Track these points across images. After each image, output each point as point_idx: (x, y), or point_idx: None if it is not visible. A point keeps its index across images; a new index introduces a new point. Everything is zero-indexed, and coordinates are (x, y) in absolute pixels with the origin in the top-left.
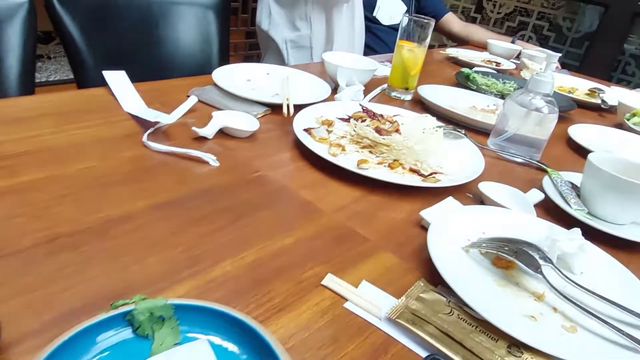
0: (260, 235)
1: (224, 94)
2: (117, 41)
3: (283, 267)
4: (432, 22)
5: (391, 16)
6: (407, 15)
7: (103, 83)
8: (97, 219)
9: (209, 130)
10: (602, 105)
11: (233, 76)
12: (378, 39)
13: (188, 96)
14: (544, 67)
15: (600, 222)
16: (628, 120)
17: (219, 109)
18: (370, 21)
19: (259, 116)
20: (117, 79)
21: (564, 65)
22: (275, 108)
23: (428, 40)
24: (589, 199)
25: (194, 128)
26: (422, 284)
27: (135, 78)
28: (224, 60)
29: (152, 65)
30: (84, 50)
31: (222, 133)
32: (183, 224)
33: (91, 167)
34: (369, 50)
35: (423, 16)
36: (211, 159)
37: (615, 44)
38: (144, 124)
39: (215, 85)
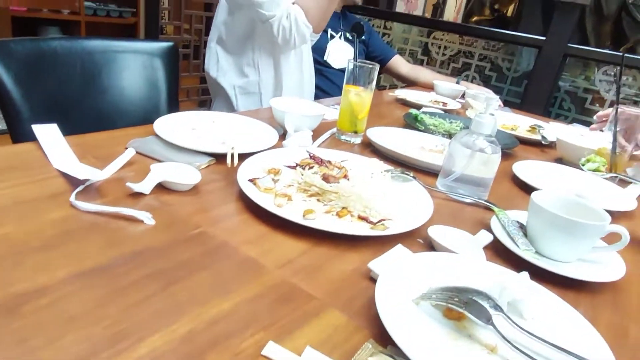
0: (195, 300)
1: (165, 145)
2: (56, 92)
3: (220, 337)
4: (377, 67)
5: (341, 60)
6: (352, 60)
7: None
8: (7, 295)
9: (145, 186)
10: (543, 141)
11: (177, 125)
12: (329, 82)
13: (126, 148)
14: (484, 109)
15: (547, 262)
16: (583, 165)
17: (160, 161)
18: (322, 65)
19: (202, 167)
20: (47, 133)
21: (507, 102)
22: (221, 158)
23: (374, 84)
24: (535, 238)
25: (128, 184)
26: (370, 346)
27: (76, 130)
28: (173, 107)
29: (95, 115)
30: (19, 102)
31: (162, 187)
32: (109, 294)
33: (6, 233)
34: (320, 92)
35: (367, 61)
36: (146, 217)
37: (550, 82)
38: (74, 181)
39: (157, 135)
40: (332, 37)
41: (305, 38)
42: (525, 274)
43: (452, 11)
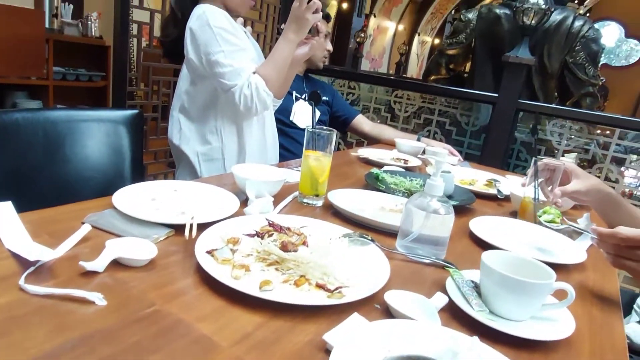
0: None
1: (123, 218)
2: (18, 163)
3: None
4: (334, 133)
5: (306, 120)
6: (310, 127)
7: None
8: None
9: (99, 263)
10: (498, 196)
11: (136, 196)
12: (296, 141)
13: (83, 223)
14: (434, 173)
15: (500, 322)
16: (540, 217)
17: (118, 235)
18: (288, 125)
19: (159, 240)
20: (1, 212)
21: (468, 155)
22: (180, 228)
23: (332, 148)
24: (488, 298)
25: (81, 263)
26: None
27: (38, 200)
28: (137, 173)
29: (58, 184)
30: None
31: (117, 263)
32: None
33: None
34: (287, 152)
35: (325, 127)
36: (97, 298)
37: (505, 135)
38: (25, 262)
39: (115, 208)
40: (297, 98)
41: (266, 105)
42: (475, 339)
43: (415, 67)
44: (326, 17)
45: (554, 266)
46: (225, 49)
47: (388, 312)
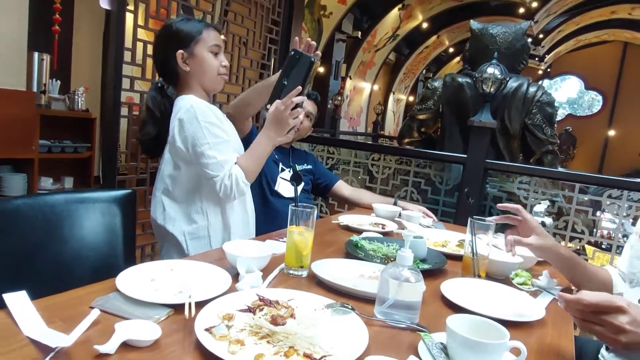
0: None
1: (127, 300)
2: (17, 245)
3: None
4: (315, 210)
5: (290, 190)
6: (293, 205)
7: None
8: None
9: (110, 346)
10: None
11: (137, 278)
12: (281, 210)
13: (91, 307)
14: (404, 246)
15: None
16: (512, 279)
17: (123, 318)
18: (273, 194)
19: (161, 320)
20: (17, 301)
21: (444, 213)
22: (179, 307)
23: (314, 223)
24: (454, 358)
25: (95, 346)
26: None
27: (35, 280)
28: (129, 248)
29: (57, 264)
30: None
31: (126, 345)
32: None
33: None
34: (271, 220)
35: (307, 204)
36: None
37: (476, 193)
38: (44, 348)
39: (118, 291)
40: (283, 170)
41: (243, 192)
42: None
43: (392, 123)
44: (315, 99)
45: (516, 324)
46: (211, 142)
47: None
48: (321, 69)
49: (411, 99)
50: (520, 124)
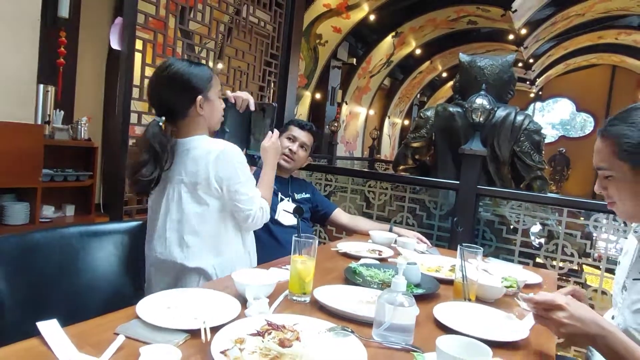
0: None
1: (147, 326)
2: (34, 278)
3: None
4: (316, 240)
5: (290, 218)
6: (296, 236)
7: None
8: None
9: None
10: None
11: (154, 305)
12: (281, 238)
13: (116, 334)
14: (398, 273)
15: None
16: (502, 283)
17: (145, 342)
18: (273, 223)
19: (180, 344)
20: (50, 329)
21: (439, 237)
22: (195, 332)
23: (315, 251)
24: None
25: None
26: None
27: (53, 313)
28: (138, 278)
29: (71, 295)
30: (5, 296)
31: None
32: None
33: None
34: (272, 248)
35: (309, 235)
36: None
37: (470, 216)
38: None
39: (138, 317)
40: (282, 199)
41: (267, 220)
42: None
43: (388, 147)
44: (309, 129)
45: (502, 344)
46: (243, 180)
47: None
48: (317, 95)
49: (406, 122)
50: (509, 151)
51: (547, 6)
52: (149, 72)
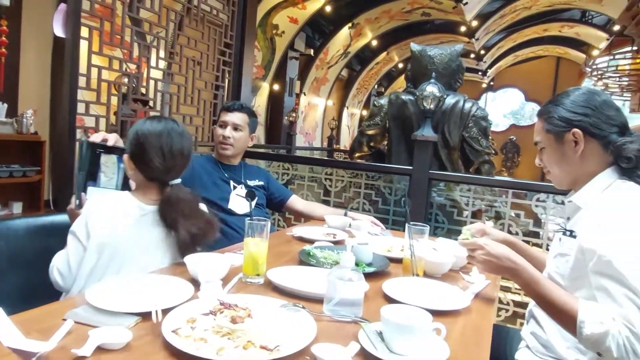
0: None
1: (97, 311)
2: None
3: None
4: (269, 222)
5: (243, 207)
6: (249, 219)
7: None
8: None
9: (87, 349)
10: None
11: (105, 291)
12: (235, 226)
13: (64, 319)
14: (346, 250)
15: (396, 357)
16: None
17: (95, 327)
18: (226, 212)
19: (131, 326)
20: None
21: (395, 222)
22: (147, 315)
23: (268, 234)
24: (389, 341)
25: (73, 350)
26: None
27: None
28: None
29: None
30: None
31: (100, 348)
32: None
33: None
34: (228, 235)
35: (261, 218)
36: None
37: (423, 200)
38: (24, 356)
39: (89, 304)
40: (235, 187)
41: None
42: None
43: (347, 137)
44: (239, 109)
45: (446, 312)
46: None
47: None
48: (276, 87)
49: (365, 113)
50: (459, 137)
51: None
52: (96, 60)
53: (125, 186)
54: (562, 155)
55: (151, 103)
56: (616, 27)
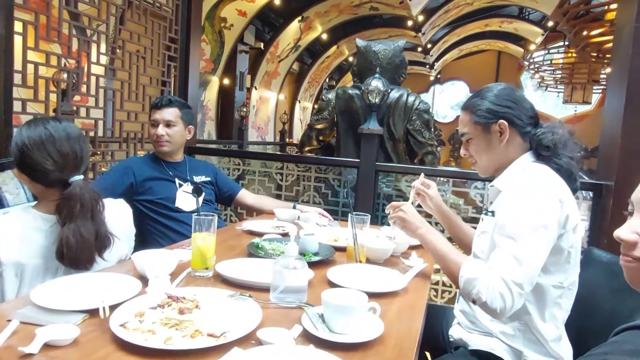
0: None
1: (43, 311)
2: None
3: None
4: (215, 217)
5: (190, 204)
6: (196, 214)
7: None
8: None
9: (34, 346)
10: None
11: (51, 291)
12: (184, 224)
13: (9, 320)
14: (290, 240)
15: (336, 335)
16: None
17: (42, 325)
18: (174, 211)
19: (78, 323)
20: None
21: (344, 213)
22: (94, 312)
23: (215, 228)
24: (329, 321)
25: (20, 348)
26: None
27: None
28: None
29: None
30: None
31: (48, 345)
32: None
33: None
34: (178, 234)
35: (209, 213)
36: None
37: (370, 193)
38: None
39: (34, 304)
40: (180, 185)
41: None
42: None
43: (300, 131)
44: (169, 103)
45: (383, 294)
46: None
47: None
48: (226, 81)
49: (317, 106)
50: (403, 129)
51: None
52: (32, 56)
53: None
54: (489, 144)
55: (92, 100)
56: (550, 23)
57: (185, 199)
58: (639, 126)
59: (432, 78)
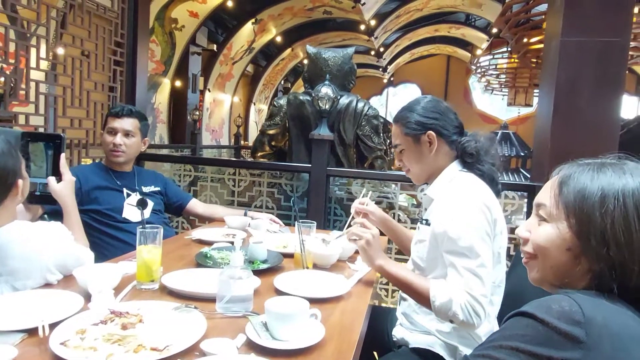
0: None
1: None
2: None
3: None
4: (161, 229)
5: (137, 215)
6: (140, 228)
7: None
8: None
9: None
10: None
11: None
12: (132, 234)
13: None
14: (235, 251)
15: (278, 343)
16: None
17: None
18: (121, 222)
19: (16, 343)
20: None
21: (296, 218)
22: (33, 331)
23: (161, 240)
24: (272, 330)
25: None
26: None
27: None
28: None
29: None
30: None
31: None
32: None
33: None
34: (127, 245)
35: (154, 225)
36: None
37: (322, 197)
38: None
39: None
40: (129, 195)
41: None
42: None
43: (255, 133)
44: (129, 114)
45: (328, 299)
46: None
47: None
48: (178, 83)
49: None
50: (353, 134)
51: (391, 1)
52: None
53: (55, 172)
54: (420, 154)
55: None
56: (494, 30)
57: (132, 210)
58: (566, 132)
59: (385, 81)
